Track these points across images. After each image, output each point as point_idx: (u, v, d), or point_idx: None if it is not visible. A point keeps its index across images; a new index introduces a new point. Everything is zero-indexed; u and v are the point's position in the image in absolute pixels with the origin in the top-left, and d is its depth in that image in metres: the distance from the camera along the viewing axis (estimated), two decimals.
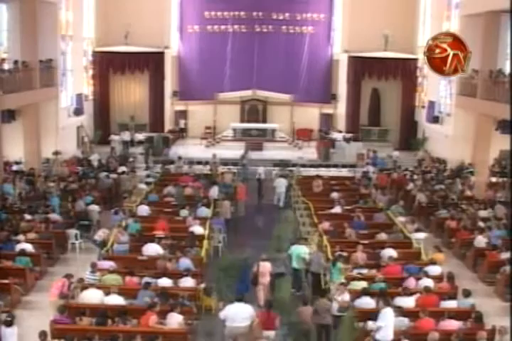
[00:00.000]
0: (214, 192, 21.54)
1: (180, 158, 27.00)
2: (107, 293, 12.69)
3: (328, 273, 14.19)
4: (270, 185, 24.22)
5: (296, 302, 13.17)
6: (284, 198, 23.39)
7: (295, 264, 15.12)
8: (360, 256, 15.18)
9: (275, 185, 23.69)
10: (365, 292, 12.73)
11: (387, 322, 11.37)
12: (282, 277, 14.58)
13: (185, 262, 14.49)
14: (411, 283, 13.68)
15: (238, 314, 11.56)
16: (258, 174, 24.80)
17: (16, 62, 22.43)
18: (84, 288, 12.98)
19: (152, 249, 15.41)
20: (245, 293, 12.99)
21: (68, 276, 13.19)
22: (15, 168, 23.28)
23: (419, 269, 14.47)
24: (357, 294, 12.76)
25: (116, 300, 12.52)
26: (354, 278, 13.79)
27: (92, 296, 12.69)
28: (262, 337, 11.37)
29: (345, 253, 15.25)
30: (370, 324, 11.80)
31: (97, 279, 13.49)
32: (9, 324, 10.88)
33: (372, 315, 11.82)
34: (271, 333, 11.59)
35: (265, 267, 14.05)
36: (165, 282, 13.47)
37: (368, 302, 12.48)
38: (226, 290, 13.51)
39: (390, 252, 15.37)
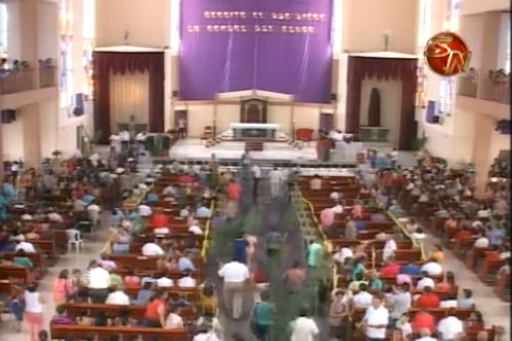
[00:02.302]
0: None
1: (174, 160, 27.06)
2: (112, 290, 12.73)
3: (348, 275, 14.07)
4: (267, 183, 24.52)
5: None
6: (279, 189, 24.06)
7: (312, 262, 15.14)
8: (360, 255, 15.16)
9: (269, 176, 24.33)
10: (363, 288, 12.77)
11: (382, 322, 11.52)
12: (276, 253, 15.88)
13: (185, 262, 14.51)
14: (405, 279, 13.65)
15: (234, 271, 13.68)
16: (254, 173, 24.96)
17: (16, 62, 22.43)
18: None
19: (152, 249, 15.43)
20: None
21: (64, 274, 13.13)
22: (14, 168, 23.27)
23: (418, 269, 14.45)
24: (356, 291, 12.81)
25: (121, 297, 12.50)
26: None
27: (98, 275, 13.13)
28: (256, 288, 13.96)
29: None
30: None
31: None
32: (32, 289, 12.50)
33: None
34: (262, 285, 14.02)
35: (250, 239, 16.07)
36: (165, 282, 13.46)
37: (366, 298, 12.49)
38: (223, 251, 15.57)
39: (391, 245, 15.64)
